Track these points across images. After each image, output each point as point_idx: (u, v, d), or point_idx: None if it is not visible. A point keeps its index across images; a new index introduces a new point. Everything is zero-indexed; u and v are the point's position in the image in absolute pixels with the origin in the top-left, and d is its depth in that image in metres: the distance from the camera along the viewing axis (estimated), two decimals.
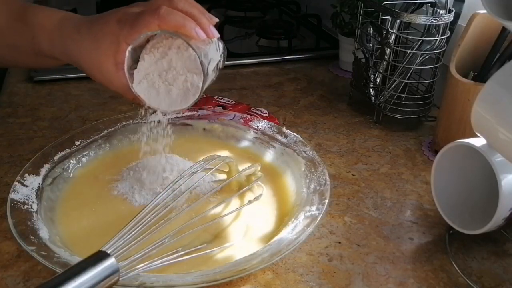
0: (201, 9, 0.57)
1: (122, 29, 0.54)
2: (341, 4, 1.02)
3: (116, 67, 0.56)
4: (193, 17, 0.55)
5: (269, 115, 0.82)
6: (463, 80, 0.71)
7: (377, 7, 0.82)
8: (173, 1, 0.55)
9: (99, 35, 0.56)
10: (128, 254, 0.47)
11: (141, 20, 0.54)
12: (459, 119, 0.72)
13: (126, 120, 0.74)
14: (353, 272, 0.55)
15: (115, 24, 0.55)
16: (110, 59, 0.55)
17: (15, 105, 0.88)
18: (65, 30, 0.58)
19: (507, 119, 0.49)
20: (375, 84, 0.85)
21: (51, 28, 0.59)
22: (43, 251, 0.51)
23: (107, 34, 0.55)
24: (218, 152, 0.68)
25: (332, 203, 0.66)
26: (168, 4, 0.55)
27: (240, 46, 1.19)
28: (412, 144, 0.80)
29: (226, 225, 0.60)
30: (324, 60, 1.11)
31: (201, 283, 0.49)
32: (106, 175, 0.67)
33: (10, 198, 0.58)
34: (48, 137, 0.78)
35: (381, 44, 0.83)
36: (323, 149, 0.78)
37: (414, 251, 0.59)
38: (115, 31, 0.55)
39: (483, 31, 0.73)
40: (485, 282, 0.54)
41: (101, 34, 0.56)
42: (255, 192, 0.65)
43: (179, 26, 0.54)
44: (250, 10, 1.34)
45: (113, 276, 0.45)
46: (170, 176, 0.64)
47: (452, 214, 0.59)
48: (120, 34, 0.54)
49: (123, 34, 0.54)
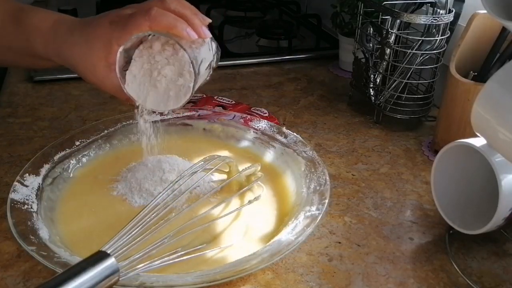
0: (194, 10, 0.57)
1: (114, 31, 0.55)
2: (341, 4, 1.02)
3: (108, 68, 0.56)
4: (185, 18, 0.55)
5: (269, 115, 0.82)
6: (463, 80, 0.71)
7: (377, 7, 0.82)
8: (165, 2, 0.56)
9: (92, 37, 0.56)
10: (128, 254, 0.47)
11: (132, 22, 0.54)
12: (459, 119, 0.72)
13: (126, 120, 0.74)
14: (353, 272, 0.55)
15: (107, 26, 0.56)
16: (102, 60, 0.56)
17: (15, 105, 0.88)
18: (59, 32, 0.59)
19: (507, 119, 0.49)
20: (375, 84, 0.85)
21: (45, 30, 0.59)
22: (43, 251, 0.51)
23: (99, 36, 0.56)
24: (218, 152, 0.68)
25: (332, 203, 0.66)
26: (160, 5, 0.55)
27: (240, 46, 1.19)
28: (412, 144, 0.80)
29: (226, 225, 0.60)
30: (324, 60, 1.11)
31: (201, 283, 0.49)
32: (106, 175, 0.67)
33: (10, 198, 0.58)
34: (48, 137, 0.78)
35: (381, 44, 0.83)
36: (323, 149, 0.78)
37: (414, 251, 0.59)
38: (107, 33, 0.56)
39: (483, 31, 0.73)
40: (485, 282, 0.54)
41: (93, 36, 0.56)
42: (255, 192, 0.65)
43: (170, 27, 0.54)
44: (250, 10, 1.34)
45: (113, 276, 0.45)
46: (170, 176, 0.64)
47: (452, 214, 0.59)
48: (112, 36, 0.55)
49: (115, 36, 0.55)
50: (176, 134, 0.73)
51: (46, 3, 1.33)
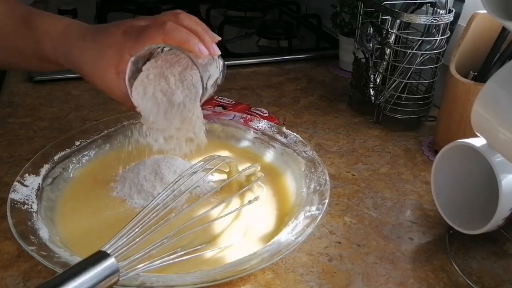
0: (205, 27, 0.59)
1: (127, 40, 0.56)
2: (341, 4, 1.02)
3: (118, 76, 0.57)
4: (197, 34, 0.56)
5: (269, 115, 0.82)
6: (463, 80, 0.71)
7: (377, 7, 0.82)
8: (179, 18, 0.57)
9: (104, 45, 0.57)
10: (128, 254, 0.47)
11: (146, 33, 0.55)
12: (459, 119, 0.72)
13: (126, 120, 0.74)
14: (353, 272, 0.55)
15: (120, 36, 0.57)
16: (113, 68, 0.57)
17: (15, 105, 0.88)
18: (69, 37, 0.60)
19: (507, 119, 0.49)
20: (375, 84, 0.85)
21: (55, 34, 0.60)
22: (43, 251, 0.51)
23: (111, 45, 0.57)
24: (218, 152, 0.68)
25: (332, 203, 0.66)
26: (174, 20, 0.56)
27: (240, 46, 1.19)
28: (412, 144, 0.80)
29: (226, 225, 0.60)
30: (324, 60, 1.11)
31: (201, 283, 0.49)
32: (106, 176, 0.67)
33: (10, 198, 0.58)
34: (48, 137, 0.78)
35: (381, 44, 0.83)
36: (323, 149, 0.78)
37: (414, 251, 0.59)
38: (120, 42, 0.56)
39: (483, 31, 0.73)
40: (485, 282, 0.54)
41: (105, 43, 0.57)
42: (255, 192, 0.65)
43: (183, 41, 0.55)
44: (250, 10, 1.34)
45: (113, 276, 0.45)
46: (170, 176, 0.64)
47: (452, 214, 0.59)
48: (124, 46, 0.56)
49: (128, 46, 0.56)
50: None
51: (46, 3, 1.33)
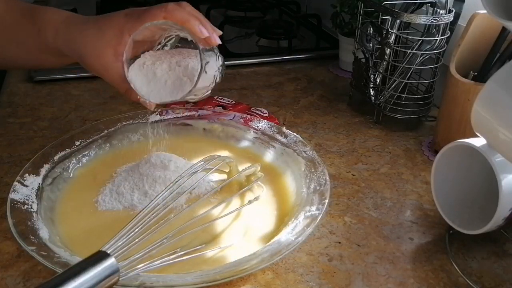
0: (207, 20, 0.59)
1: (127, 22, 0.57)
2: (341, 4, 1.02)
3: (115, 58, 0.58)
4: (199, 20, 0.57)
5: (269, 115, 0.82)
6: (463, 80, 0.71)
7: (377, 7, 0.82)
8: (182, 5, 0.58)
9: (105, 26, 0.58)
10: (128, 254, 0.47)
11: (147, 13, 0.57)
12: (459, 119, 0.72)
13: (126, 120, 0.75)
14: (353, 272, 0.55)
15: (122, 18, 0.58)
16: (111, 49, 0.58)
17: (15, 105, 0.88)
18: (72, 22, 0.61)
19: (507, 119, 0.49)
20: (375, 84, 0.85)
21: (57, 22, 0.61)
22: (43, 251, 0.51)
23: (113, 26, 0.58)
24: (218, 152, 0.68)
25: (332, 203, 0.66)
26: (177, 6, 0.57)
27: (240, 46, 1.19)
28: (412, 144, 0.80)
29: (226, 225, 0.60)
30: (324, 60, 1.11)
31: (201, 283, 0.49)
32: (106, 175, 0.67)
33: (10, 198, 0.58)
34: (48, 137, 0.78)
35: (381, 44, 0.83)
36: (323, 149, 0.78)
37: (414, 251, 0.59)
38: (121, 23, 0.58)
39: (483, 31, 0.73)
40: (485, 282, 0.54)
41: (106, 25, 0.58)
42: (255, 192, 0.65)
43: (184, 20, 0.56)
44: (250, 10, 1.34)
45: (113, 276, 0.45)
46: (170, 176, 0.64)
47: (452, 214, 0.59)
48: (125, 27, 0.57)
49: (128, 27, 0.57)
50: (176, 134, 0.73)
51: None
